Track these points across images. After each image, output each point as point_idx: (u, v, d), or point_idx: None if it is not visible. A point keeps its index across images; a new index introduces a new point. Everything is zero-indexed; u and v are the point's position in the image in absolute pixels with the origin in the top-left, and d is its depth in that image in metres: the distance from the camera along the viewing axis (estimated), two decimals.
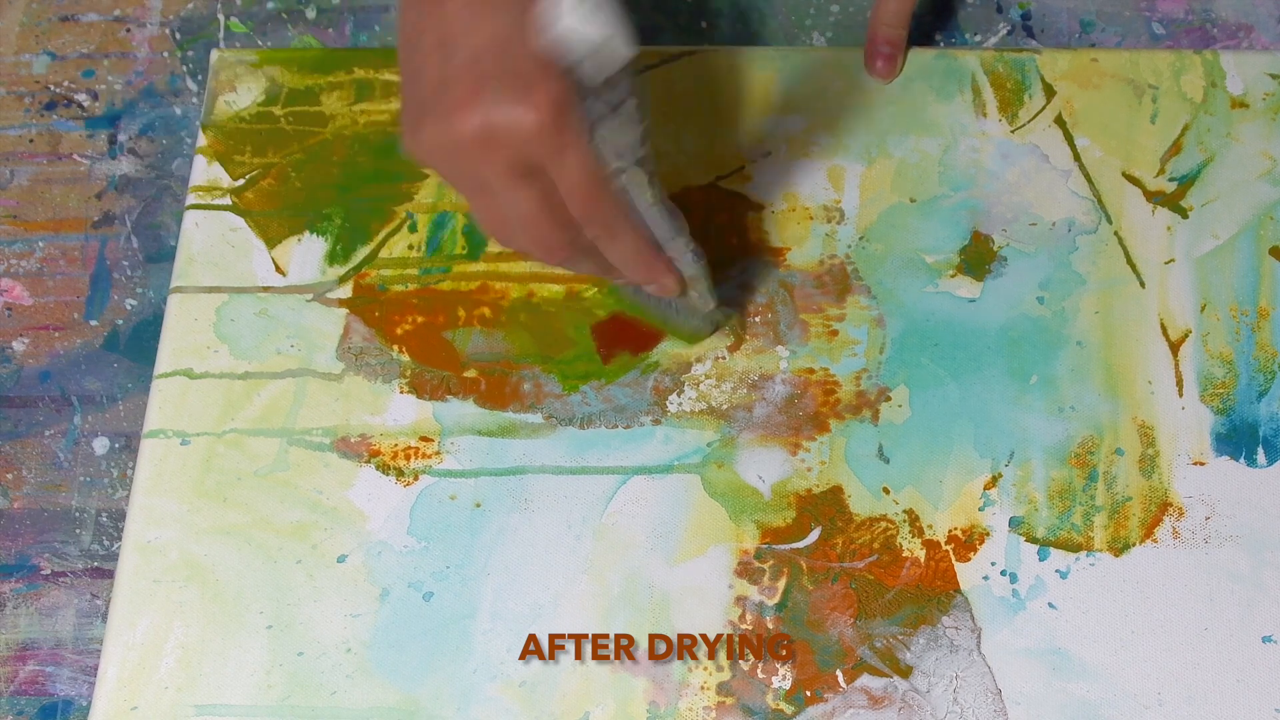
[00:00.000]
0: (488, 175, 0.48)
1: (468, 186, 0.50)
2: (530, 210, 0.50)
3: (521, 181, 0.49)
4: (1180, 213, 0.63)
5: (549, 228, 0.50)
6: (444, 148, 0.48)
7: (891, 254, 0.63)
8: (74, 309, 0.65)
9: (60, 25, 0.71)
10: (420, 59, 0.48)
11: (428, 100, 0.48)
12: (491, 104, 0.47)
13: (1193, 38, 0.68)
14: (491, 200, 0.50)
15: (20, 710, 0.58)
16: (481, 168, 0.48)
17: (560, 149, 0.48)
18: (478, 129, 0.47)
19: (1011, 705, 0.55)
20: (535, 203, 0.49)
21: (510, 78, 0.47)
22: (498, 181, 0.49)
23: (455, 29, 0.47)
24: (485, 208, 0.51)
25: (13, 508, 0.61)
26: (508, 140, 0.47)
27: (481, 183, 0.49)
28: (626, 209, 0.52)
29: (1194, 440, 0.59)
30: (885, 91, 0.66)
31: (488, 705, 0.56)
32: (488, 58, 0.47)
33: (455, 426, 0.60)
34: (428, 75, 0.48)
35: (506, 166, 0.48)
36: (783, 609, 0.57)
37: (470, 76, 0.47)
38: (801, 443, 0.59)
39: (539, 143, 0.47)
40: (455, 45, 0.47)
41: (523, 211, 0.50)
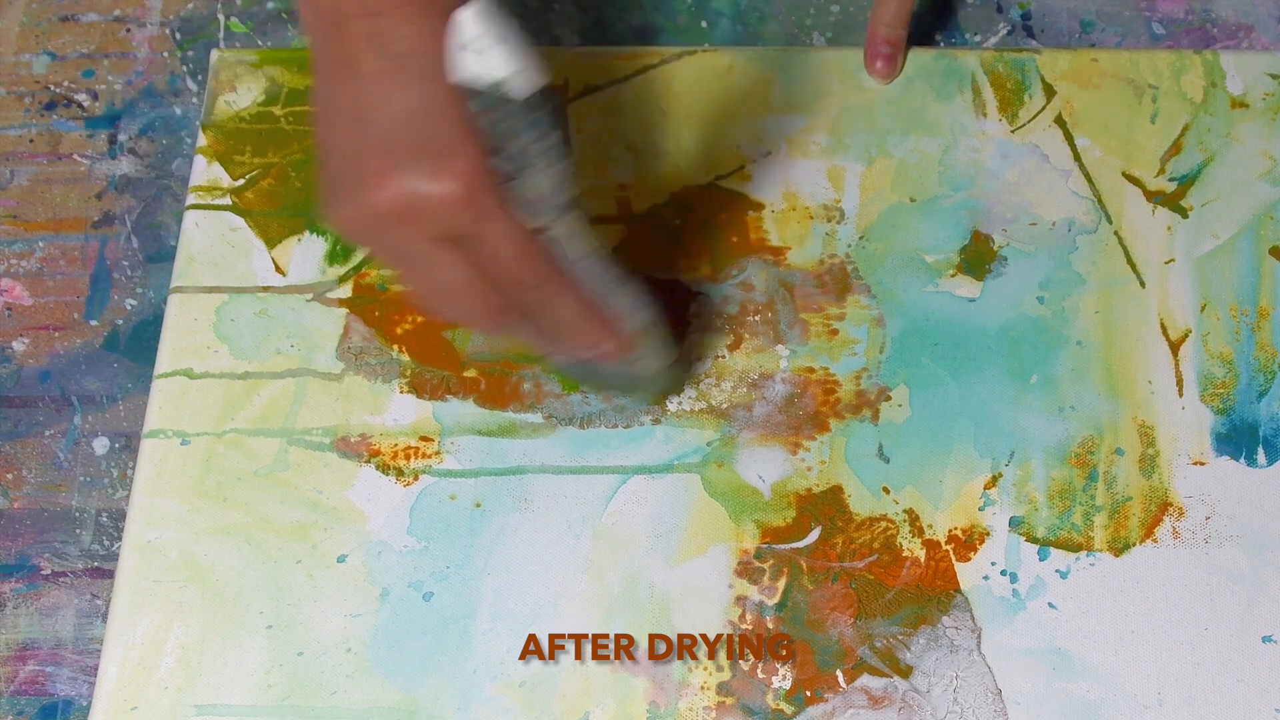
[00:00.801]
0: (410, 247, 0.47)
1: (391, 259, 0.49)
2: (458, 279, 0.48)
3: (446, 251, 0.48)
4: (1180, 213, 0.63)
5: (480, 295, 0.49)
6: (362, 221, 0.47)
7: (891, 254, 0.63)
8: (74, 309, 0.65)
9: (60, 25, 0.71)
10: (334, 130, 0.47)
11: (343, 173, 0.47)
12: (407, 177, 0.46)
13: (1193, 38, 0.68)
14: (417, 272, 0.49)
15: (20, 710, 0.58)
16: (402, 240, 0.47)
17: (482, 216, 0.47)
18: (394, 202, 0.46)
19: (1011, 705, 0.55)
20: (462, 271, 0.48)
21: (424, 150, 0.46)
22: (421, 253, 0.48)
23: (369, 100, 0.46)
24: (412, 279, 0.50)
25: (13, 508, 0.61)
26: (426, 212, 0.46)
27: (405, 255, 0.48)
28: (559, 267, 0.50)
29: (1194, 440, 0.59)
30: (885, 91, 0.66)
31: (488, 705, 0.56)
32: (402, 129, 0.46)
33: (455, 426, 0.60)
34: (342, 147, 0.47)
35: (428, 238, 0.47)
36: (783, 609, 0.57)
37: (384, 149, 0.46)
38: (801, 442, 0.59)
39: (459, 213, 0.46)
40: (369, 117, 0.46)
41: (450, 280, 0.48)
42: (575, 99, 0.66)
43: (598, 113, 0.66)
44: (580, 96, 0.66)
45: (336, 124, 0.48)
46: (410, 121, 0.46)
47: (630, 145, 0.65)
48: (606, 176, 0.65)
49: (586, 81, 0.67)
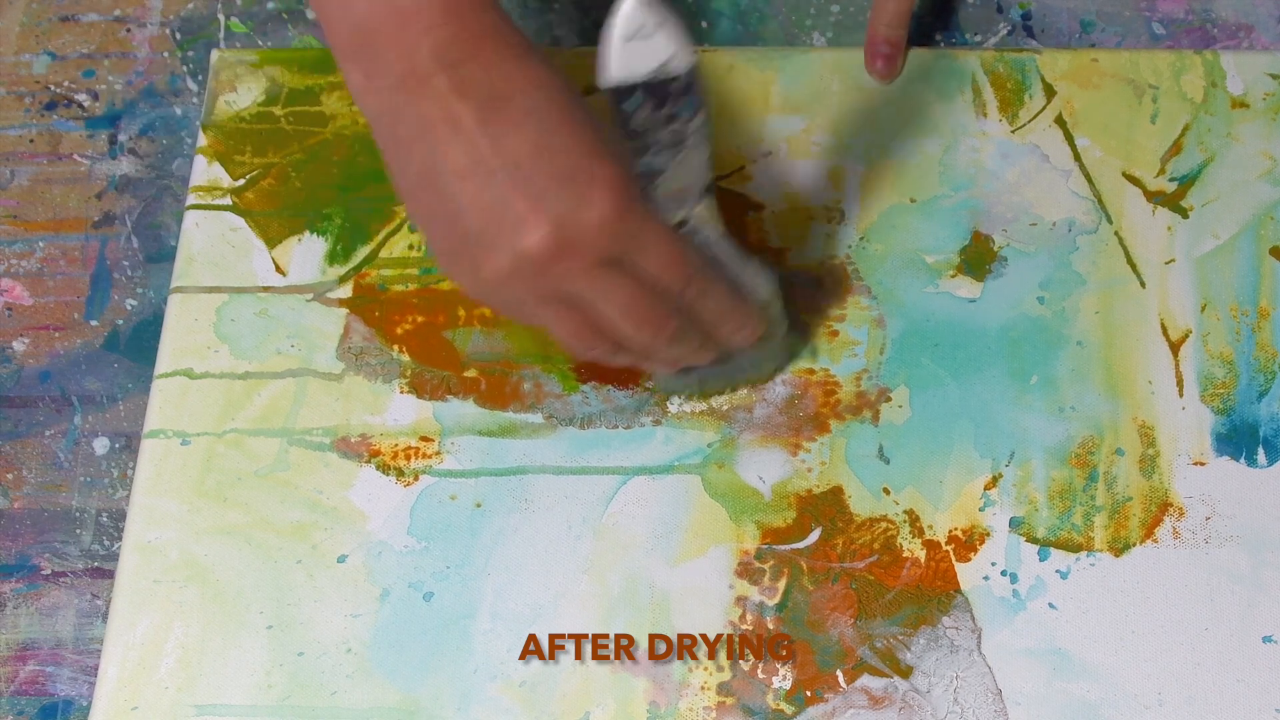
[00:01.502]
0: (573, 284, 0.47)
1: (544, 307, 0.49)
2: (627, 297, 0.48)
3: (608, 275, 0.47)
4: (1180, 213, 0.63)
5: (651, 305, 0.49)
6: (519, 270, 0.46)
7: (892, 254, 0.63)
8: (74, 309, 0.65)
9: (60, 25, 0.71)
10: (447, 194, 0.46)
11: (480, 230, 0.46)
12: (558, 212, 0.45)
13: (1193, 38, 0.68)
14: (575, 311, 0.49)
15: (20, 710, 0.58)
16: (564, 279, 0.47)
17: (638, 231, 0.47)
18: (552, 240, 0.46)
19: (1012, 705, 0.55)
20: (629, 289, 0.48)
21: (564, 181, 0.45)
22: (585, 284, 0.47)
23: (482, 147, 0.46)
24: (568, 321, 0.49)
25: (13, 508, 0.61)
26: (586, 241, 0.46)
27: (563, 296, 0.48)
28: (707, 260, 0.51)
29: (1194, 440, 0.59)
30: (885, 91, 0.66)
31: (488, 705, 0.56)
32: (532, 169, 0.45)
33: (455, 426, 0.60)
34: (468, 206, 0.46)
35: (589, 267, 0.47)
36: (783, 609, 0.57)
37: (522, 192, 0.45)
38: (802, 443, 0.59)
39: (616, 233, 0.46)
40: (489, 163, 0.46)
41: (620, 301, 0.48)
42: None
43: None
44: None
45: (448, 187, 0.46)
46: (539, 156, 0.46)
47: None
48: None
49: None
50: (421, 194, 0.48)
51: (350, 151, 0.66)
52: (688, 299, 0.50)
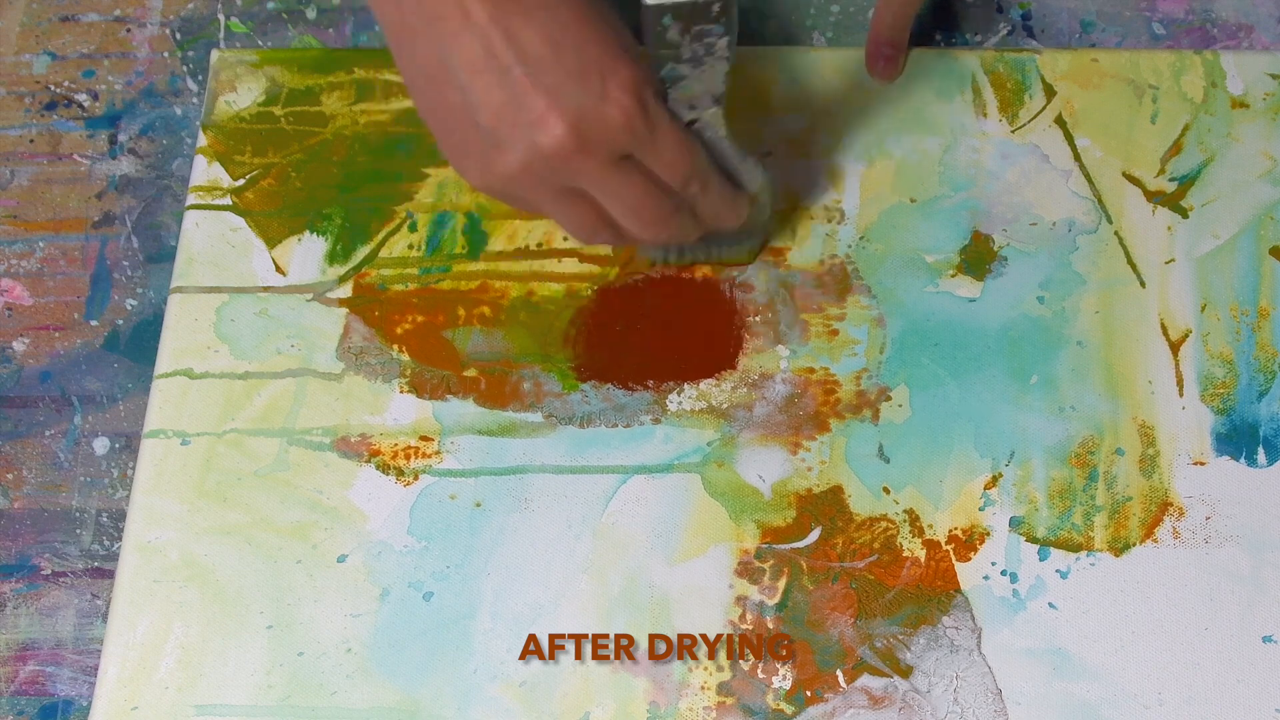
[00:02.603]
0: (587, 177, 0.48)
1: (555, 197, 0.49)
2: (635, 193, 0.49)
3: (620, 172, 0.48)
4: (1180, 213, 0.63)
5: (655, 201, 0.50)
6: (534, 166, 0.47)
7: (892, 254, 0.63)
8: (74, 309, 0.65)
9: (60, 25, 0.71)
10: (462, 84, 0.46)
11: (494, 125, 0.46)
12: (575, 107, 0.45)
13: (1193, 38, 0.68)
14: (580, 203, 0.49)
15: (20, 710, 0.58)
16: (579, 173, 0.47)
17: (651, 131, 0.47)
18: (569, 136, 0.46)
19: (1012, 705, 0.55)
20: (639, 187, 0.49)
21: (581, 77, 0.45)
22: (598, 180, 0.48)
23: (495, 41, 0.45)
24: (576, 211, 0.50)
25: (13, 508, 0.61)
26: (601, 138, 0.46)
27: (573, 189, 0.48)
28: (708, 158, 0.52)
29: (1194, 440, 0.59)
30: (885, 91, 0.66)
31: (488, 705, 0.56)
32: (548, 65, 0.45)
33: (455, 426, 0.60)
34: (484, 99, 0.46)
35: (604, 163, 0.47)
36: (783, 609, 0.57)
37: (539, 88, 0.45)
38: (802, 442, 0.59)
39: (631, 131, 0.47)
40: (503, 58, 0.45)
41: (629, 198, 0.49)
42: None
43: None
44: None
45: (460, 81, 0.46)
46: (555, 53, 0.45)
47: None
48: None
49: None
50: (429, 87, 0.48)
51: (350, 151, 0.66)
52: (689, 194, 0.51)
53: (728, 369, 0.61)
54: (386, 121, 0.66)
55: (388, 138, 0.66)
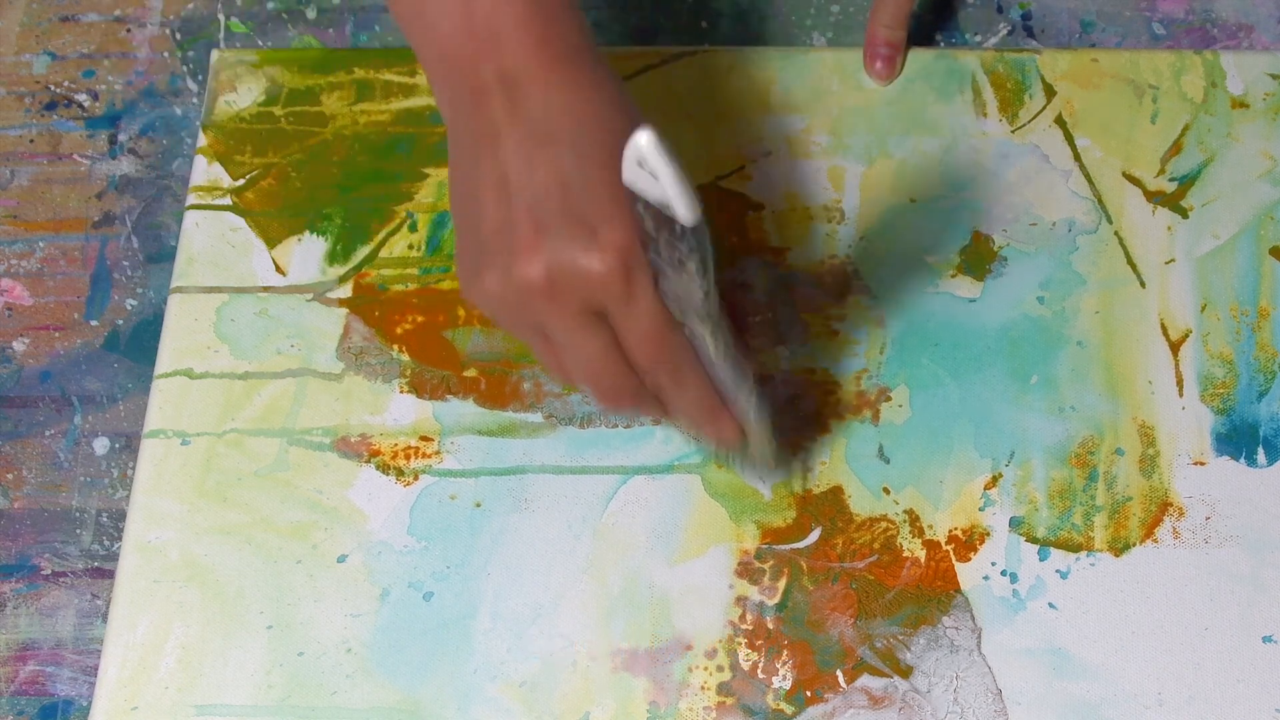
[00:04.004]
0: (552, 322, 0.47)
1: (528, 332, 0.49)
2: (595, 356, 0.48)
3: (587, 327, 0.47)
4: (1180, 213, 0.63)
5: (615, 373, 0.49)
6: (507, 295, 0.46)
7: (892, 254, 0.63)
8: (74, 309, 0.65)
9: (60, 25, 0.71)
10: (477, 203, 0.47)
11: (487, 245, 0.46)
12: (557, 249, 0.45)
13: (1193, 38, 0.68)
14: (556, 345, 0.49)
15: (20, 710, 0.58)
16: (545, 314, 0.47)
17: (628, 295, 0.46)
18: (542, 275, 0.45)
19: (1012, 705, 0.55)
20: (600, 349, 0.48)
21: (574, 222, 0.45)
22: (562, 327, 0.47)
23: (512, 171, 0.46)
24: (547, 352, 0.50)
25: (13, 508, 0.61)
26: (575, 285, 0.46)
27: (545, 328, 0.48)
28: (693, 357, 0.50)
29: (1194, 440, 0.59)
30: (885, 91, 0.66)
31: (488, 705, 0.56)
32: (549, 200, 0.45)
33: (455, 426, 0.60)
34: (486, 219, 0.46)
35: (572, 312, 0.47)
36: (783, 609, 0.57)
37: (532, 221, 0.45)
38: (802, 443, 0.59)
39: (605, 288, 0.46)
40: (514, 186, 0.46)
41: (588, 356, 0.48)
42: None
43: None
44: None
45: (479, 197, 0.47)
46: (559, 192, 0.46)
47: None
48: None
49: None
50: (458, 204, 0.49)
51: (350, 151, 0.66)
52: (658, 382, 0.50)
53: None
54: (386, 121, 0.66)
55: (388, 138, 0.66)
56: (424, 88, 0.67)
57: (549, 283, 0.46)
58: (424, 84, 0.67)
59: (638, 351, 0.48)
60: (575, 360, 0.49)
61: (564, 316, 0.47)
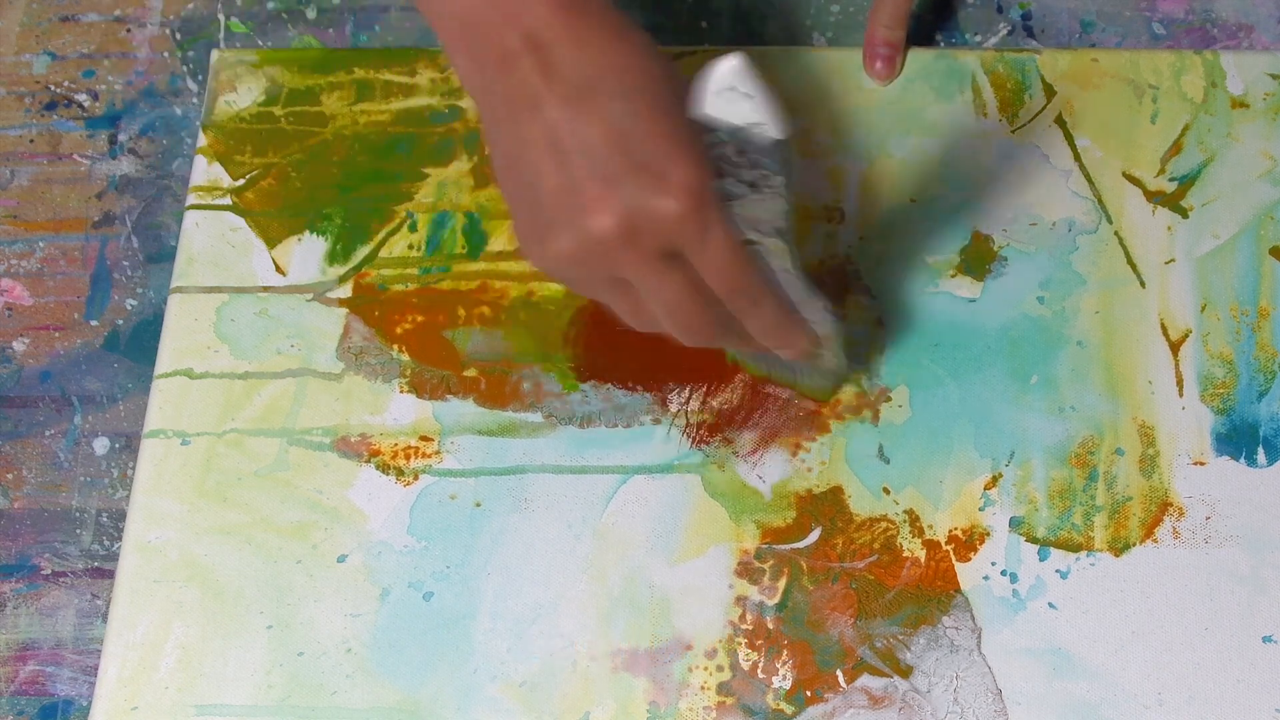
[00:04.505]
0: (631, 270, 0.47)
1: (604, 285, 0.49)
2: (676, 296, 0.48)
3: (664, 269, 0.47)
4: (1180, 213, 0.63)
5: (696, 309, 0.49)
6: (582, 252, 0.47)
7: (891, 254, 0.63)
8: (74, 309, 0.65)
9: (60, 25, 0.71)
10: (530, 168, 0.47)
11: (550, 207, 0.47)
12: (628, 198, 0.45)
13: (1193, 38, 0.68)
14: (631, 293, 0.49)
15: (20, 710, 0.58)
16: (624, 264, 0.47)
17: (703, 233, 0.46)
18: (618, 225, 0.46)
19: (1012, 705, 0.55)
20: (680, 288, 0.48)
21: (639, 168, 0.45)
22: (640, 274, 0.47)
23: (561, 130, 0.46)
24: (626, 301, 0.50)
25: (13, 508, 0.61)
26: (650, 232, 0.46)
27: (620, 279, 0.48)
28: (768, 278, 0.50)
29: (1194, 440, 0.59)
30: (885, 91, 0.66)
31: (488, 705, 0.56)
32: (608, 152, 0.46)
33: (455, 426, 0.60)
34: (544, 182, 0.46)
35: (649, 258, 0.47)
36: (783, 609, 0.57)
37: (596, 174, 0.46)
38: (802, 443, 0.59)
39: (681, 229, 0.46)
40: (567, 146, 0.46)
41: (669, 298, 0.48)
42: None
43: None
44: None
45: (529, 163, 0.47)
46: (616, 143, 0.46)
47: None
48: None
49: None
50: (507, 174, 0.48)
51: (350, 151, 0.66)
52: (737, 307, 0.50)
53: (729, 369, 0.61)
54: (386, 121, 0.66)
55: (388, 138, 0.66)
56: (424, 88, 0.67)
57: (626, 232, 0.46)
58: (424, 84, 0.67)
59: (716, 283, 0.49)
60: (659, 304, 0.49)
61: (643, 263, 0.47)
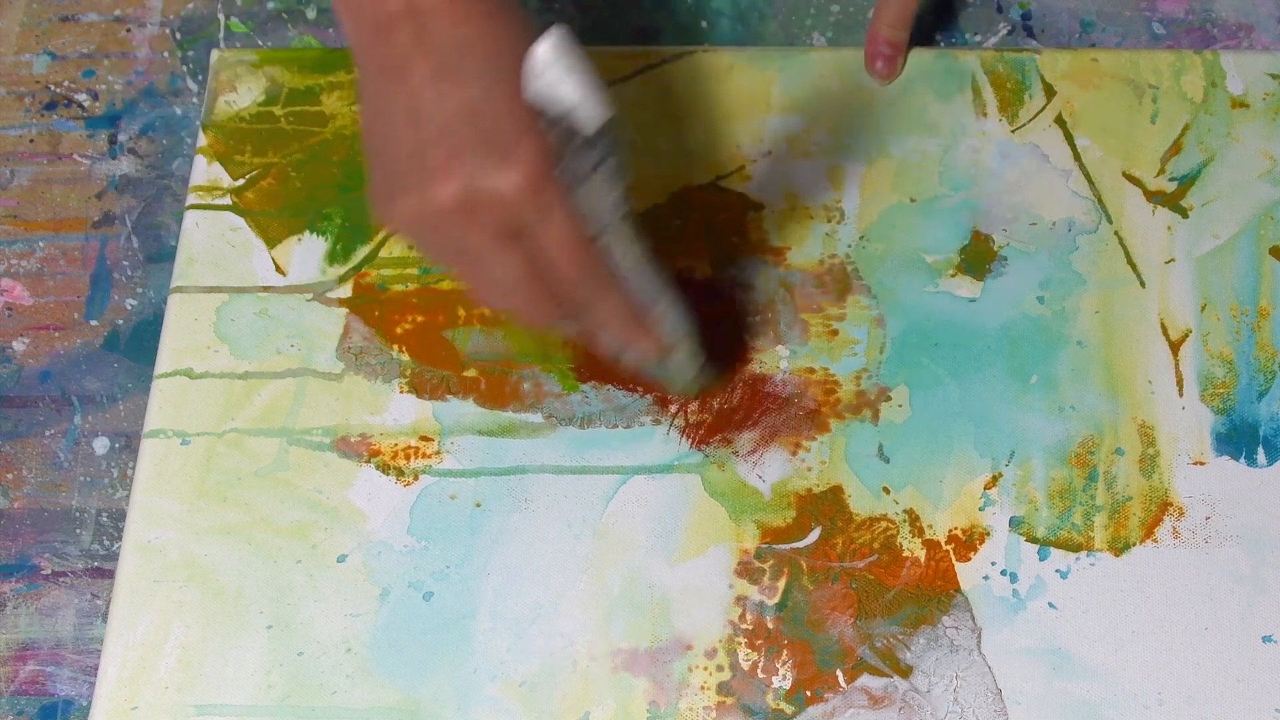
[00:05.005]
0: (470, 241, 0.48)
1: (449, 254, 0.49)
2: (516, 274, 0.49)
3: (505, 246, 0.48)
4: (1180, 212, 0.63)
5: (536, 290, 0.50)
6: (423, 217, 0.47)
7: (892, 254, 0.63)
8: (74, 309, 0.65)
9: (60, 25, 0.71)
10: (389, 130, 0.48)
11: (402, 171, 0.47)
12: (471, 170, 0.46)
13: (1193, 38, 0.68)
14: (476, 266, 0.49)
15: (20, 710, 0.58)
16: (464, 235, 0.48)
17: (543, 210, 0.47)
18: (458, 195, 0.46)
19: (1012, 705, 0.55)
20: (521, 266, 0.49)
21: (487, 143, 0.46)
22: (481, 247, 0.48)
23: (424, 99, 0.47)
24: (470, 274, 0.50)
25: (13, 508, 0.61)
26: (490, 205, 0.47)
27: (464, 250, 0.48)
28: (608, 269, 0.50)
29: (1194, 440, 0.59)
30: (885, 91, 0.66)
31: (488, 705, 0.56)
32: (461, 124, 0.46)
33: (455, 426, 0.60)
34: (399, 146, 0.47)
35: (489, 232, 0.47)
36: (783, 609, 0.57)
37: (445, 144, 0.46)
38: (802, 442, 0.59)
39: (521, 206, 0.47)
40: (425, 114, 0.47)
41: (509, 275, 0.49)
42: None
43: None
44: None
45: (390, 126, 0.48)
46: (470, 117, 0.46)
47: (630, 145, 0.65)
48: None
49: None
50: (369, 134, 0.49)
51: (350, 151, 0.66)
52: (577, 298, 0.51)
53: (728, 368, 0.61)
54: None
55: None
56: None
57: (464, 203, 0.47)
58: None
59: (555, 268, 0.49)
60: (495, 280, 0.49)
61: (481, 237, 0.48)
